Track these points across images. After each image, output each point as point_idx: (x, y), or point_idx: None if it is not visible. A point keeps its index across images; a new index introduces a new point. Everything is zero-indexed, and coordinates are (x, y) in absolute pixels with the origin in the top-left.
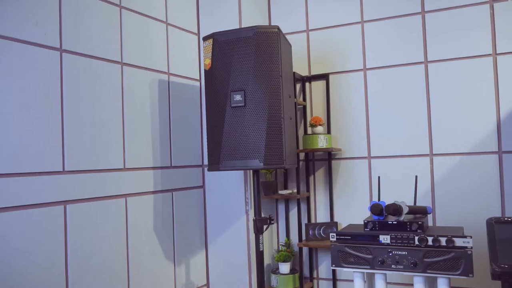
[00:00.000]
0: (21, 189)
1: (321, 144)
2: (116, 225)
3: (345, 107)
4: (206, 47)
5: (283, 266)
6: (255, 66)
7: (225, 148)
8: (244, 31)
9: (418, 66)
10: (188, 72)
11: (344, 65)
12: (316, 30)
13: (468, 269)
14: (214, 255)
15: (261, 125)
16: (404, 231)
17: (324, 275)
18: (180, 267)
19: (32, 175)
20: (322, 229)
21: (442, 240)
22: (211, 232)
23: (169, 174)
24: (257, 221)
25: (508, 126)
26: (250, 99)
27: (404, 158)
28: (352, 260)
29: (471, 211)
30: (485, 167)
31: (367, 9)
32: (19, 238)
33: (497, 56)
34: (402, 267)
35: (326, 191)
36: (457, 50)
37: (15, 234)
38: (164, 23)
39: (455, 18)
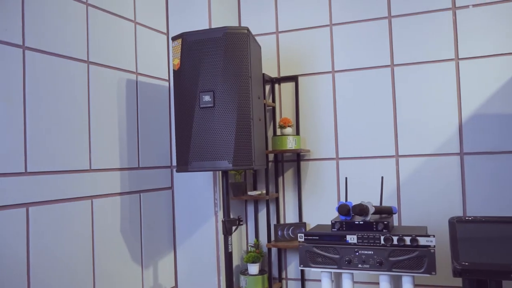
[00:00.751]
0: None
1: (290, 145)
2: (81, 227)
3: (314, 108)
4: (175, 47)
5: (252, 267)
6: (224, 67)
7: (194, 149)
8: (213, 32)
9: (384, 69)
10: (157, 72)
11: (313, 67)
12: (285, 32)
13: (431, 267)
14: (183, 256)
15: (230, 126)
16: (370, 231)
17: (292, 276)
18: (148, 269)
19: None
20: (290, 230)
21: (406, 240)
22: (179, 233)
23: (136, 175)
24: (226, 222)
25: (469, 128)
26: (219, 100)
27: (371, 159)
28: (320, 260)
29: (434, 211)
30: (447, 168)
31: (335, 13)
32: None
33: (459, 61)
34: (368, 266)
35: (295, 192)
36: (422, 54)
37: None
38: (132, 22)
39: (420, 23)
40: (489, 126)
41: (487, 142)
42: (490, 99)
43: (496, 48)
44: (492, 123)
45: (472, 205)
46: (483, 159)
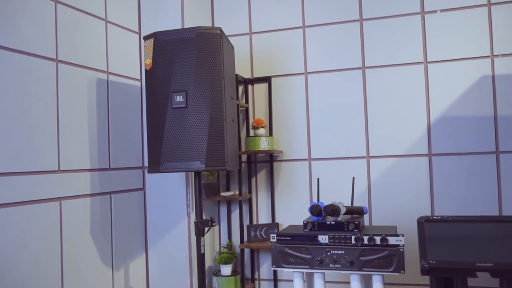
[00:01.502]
0: None
1: (263, 146)
2: (49, 229)
3: (287, 109)
4: (147, 46)
5: (225, 268)
6: (197, 67)
7: (166, 150)
8: (186, 32)
9: (356, 71)
10: (129, 72)
11: (286, 68)
12: (259, 33)
13: (400, 265)
14: (155, 258)
15: (203, 127)
16: (342, 231)
17: (265, 276)
18: (119, 272)
19: None
20: (263, 230)
21: (376, 239)
22: (151, 235)
23: (107, 176)
24: (198, 223)
25: (437, 130)
26: (191, 100)
27: (343, 160)
28: (292, 260)
29: (404, 211)
30: (416, 169)
31: (308, 15)
32: None
33: (428, 64)
34: (339, 266)
35: (267, 192)
36: (392, 57)
37: None
38: (103, 20)
39: (391, 27)
40: (456, 128)
41: (454, 144)
42: (457, 101)
43: (462, 52)
44: (459, 125)
45: (440, 204)
46: (450, 160)
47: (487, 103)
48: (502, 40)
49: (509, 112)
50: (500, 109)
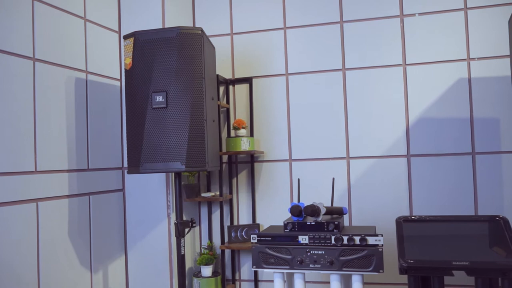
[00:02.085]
0: None
1: (244, 147)
2: (25, 231)
3: (268, 110)
4: (127, 46)
5: (205, 269)
6: (178, 67)
7: (146, 150)
8: (166, 31)
9: (336, 72)
10: (108, 71)
11: (267, 69)
12: (240, 34)
13: (379, 265)
14: (134, 260)
15: (183, 127)
16: (322, 231)
17: (246, 277)
18: (98, 274)
19: None
20: (244, 231)
21: (356, 239)
22: (131, 236)
23: (86, 177)
24: (178, 225)
25: (416, 131)
26: (172, 100)
27: (323, 161)
28: (272, 261)
29: (383, 211)
30: (395, 169)
31: (289, 16)
32: None
33: (407, 66)
34: (319, 266)
35: (248, 193)
36: (372, 59)
37: None
38: (82, 19)
39: (371, 29)
40: (433, 130)
41: (432, 145)
42: (435, 103)
43: (440, 55)
44: (437, 127)
45: (418, 205)
46: (428, 161)
47: (463, 105)
48: (478, 43)
49: (485, 114)
50: (476, 111)
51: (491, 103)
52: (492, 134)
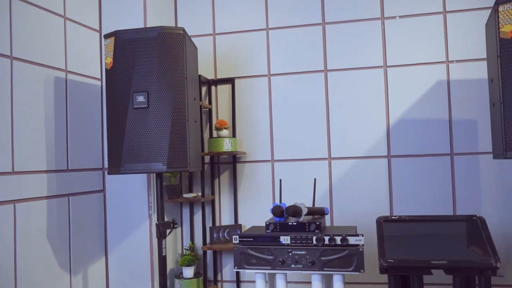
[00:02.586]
0: None
1: (226, 148)
2: (2, 234)
3: (250, 111)
4: (108, 45)
5: (187, 270)
6: (159, 67)
7: (127, 151)
8: (148, 31)
9: (318, 74)
10: (88, 71)
11: (249, 70)
12: (222, 34)
13: (360, 265)
14: (115, 262)
15: (165, 128)
16: (303, 232)
17: (228, 278)
18: (77, 277)
19: None
20: (226, 232)
21: (337, 239)
22: (111, 238)
23: (65, 177)
24: (159, 226)
25: (396, 132)
26: (153, 100)
27: (305, 162)
28: (254, 261)
29: (364, 211)
30: (376, 170)
31: (272, 17)
32: None
33: (387, 68)
34: (301, 266)
35: (230, 194)
36: (354, 61)
37: None
38: (62, 17)
39: (352, 31)
40: (413, 131)
41: (412, 146)
42: (415, 105)
43: (420, 57)
44: (416, 128)
45: (398, 205)
46: (408, 162)
47: (442, 107)
48: (456, 46)
49: (463, 116)
50: (455, 113)
51: (469, 105)
52: (470, 135)
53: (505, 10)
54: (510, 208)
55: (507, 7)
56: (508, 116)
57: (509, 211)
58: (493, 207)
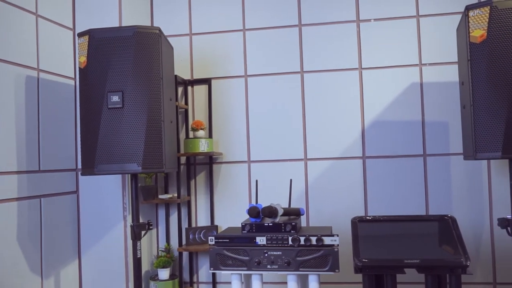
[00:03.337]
0: None
1: (203, 148)
2: None
3: (226, 112)
4: (82, 44)
5: (162, 272)
6: (135, 67)
7: (101, 151)
8: (123, 30)
9: (295, 75)
10: (62, 70)
11: (226, 70)
12: (199, 34)
13: (335, 265)
14: (88, 264)
15: (140, 128)
16: (279, 232)
17: (204, 279)
18: (49, 280)
19: None
20: (202, 233)
21: (312, 239)
22: (85, 240)
23: (37, 178)
24: (134, 227)
25: (371, 133)
26: (128, 100)
27: (281, 162)
28: (230, 262)
29: (339, 211)
30: (351, 171)
31: (249, 18)
32: None
33: (362, 70)
34: (277, 267)
35: (207, 195)
36: (329, 63)
37: None
38: (33, 14)
39: (328, 33)
40: (388, 132)
41: (386, 147)
42: (389, 107)
43: (394, 59)
44: (391, 129)
45: (372, 205)
46: (382, 163)
47: (415, 109)
48: (429, 50)
49: (435, 117)
50: (427, 115)
51: (441, 107)
52: (442, 137)
53: (475, 16)
54: (479, 208)
55: (477, 13)
56: (478, 118)
57: (478, 211)
58: (463, 207)
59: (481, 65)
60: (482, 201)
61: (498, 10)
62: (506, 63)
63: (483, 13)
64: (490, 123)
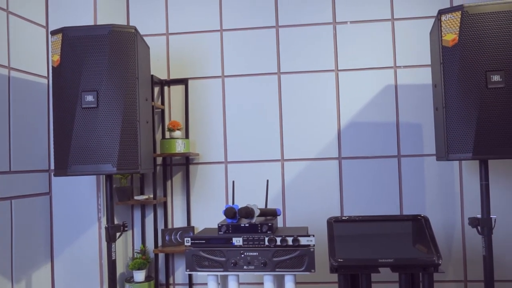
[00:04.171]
0: None
1: (179, 149)
2: None
3: (203, 112)
4: (55, 42)
5: (138, 274)
6: (110, 66)
7: (74, 152)
8: (98, 29)
9: (272, 76)
10: (34, 68)
11: (203, 71)
12: (176, 34)
13: (311, 265)
14: (61, 268)
15: (115, 128)
16: (255, 233)
17: (180, 281)
18: (19, 284)
19: None
20: (178, 234)
21: (289, 240)
22: (58, 242)
23: (7, 179)
24: (109, 229)
25: (346, 135)
26: (103, 100)
27: (258, 163)
28: (206, 263)
29: (315, 212)
30: (328, 171)
31: (226, 18)
32: None
33: (339, 72)
34: (253, 268)
35: (183, 195)
36: (306, 64)
37: None
38: (4, 11)
39: (305, 35)
40: (363, 133)
41: (362, 148)
42: (364, 108)
43: (369, 62)
44: (366, 131)
45: (348, 205)
46: (358, 163)
47: (390, 110)
48: (403, 52)
49: (409, 119)
50: (402, 117)
51: (415, 109)
52: (416, 138)
53: (447, 20)
54: (451, 208)
55: (449, 17)
56: (450, 120)
57: (450, 210)
58: (436, 206)
59: (453, 68)
60: (454, 201)
61: (468, 15)
62: (476, 67)
63: (454, 17)
64: (461, 125)
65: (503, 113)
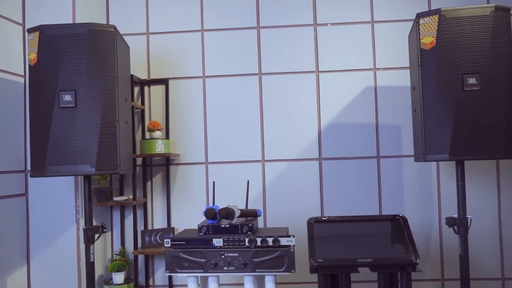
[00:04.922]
0: None
1: (159, 149)
2: None
3: (184, 112)
4: (32, 40)
5: (117, 276)
6: (88, 65)
7: (52, 152)
8: (76, 27)
9: (253, 77)
10: (10, 66)
11: (184, 71)
12: (156, 34)
13: (291, 265)
14: (38, 270)
15: (94, 128)
16: (236, 234)
17: (160, 282)
18: None
19: None
20: (158, 236)
21: (269, 240)
22: (34, 244)
23: None
24: (87, 230)
25: (327, 136)
26: (81, 100)
27: (239, 164)
28: (186, 264)
29: (296, 212)
30: (308, 172)
31: (207, 19)
32: None
33: (319, 73)
34: (233, 268)
35: (163, 196)
36: (287, 65)
37: None
38: None
39: (286, 36)
40: (343, 134)
41: (342, 149)
42: (344, 110)
43: (349, 63)
44: (346, 132)
45: (328, 205)
46: (338, 164)
47: (370, 112)
48: (383, 55)
49: (388, 121)
50: (381, 118)
51: (394, 110)
52: (395, 139)
53: (425, 23)
54: (429, 208)
55: (427, 20)
56: (427, 122)
57: (428, 210)
58: (414, 207)
59: (430, 70)
60: (431, 201)
61: (446, 19)
62: (453, 69)
63: (432, 21)
64: (438, 126)
65: (478, 115)
